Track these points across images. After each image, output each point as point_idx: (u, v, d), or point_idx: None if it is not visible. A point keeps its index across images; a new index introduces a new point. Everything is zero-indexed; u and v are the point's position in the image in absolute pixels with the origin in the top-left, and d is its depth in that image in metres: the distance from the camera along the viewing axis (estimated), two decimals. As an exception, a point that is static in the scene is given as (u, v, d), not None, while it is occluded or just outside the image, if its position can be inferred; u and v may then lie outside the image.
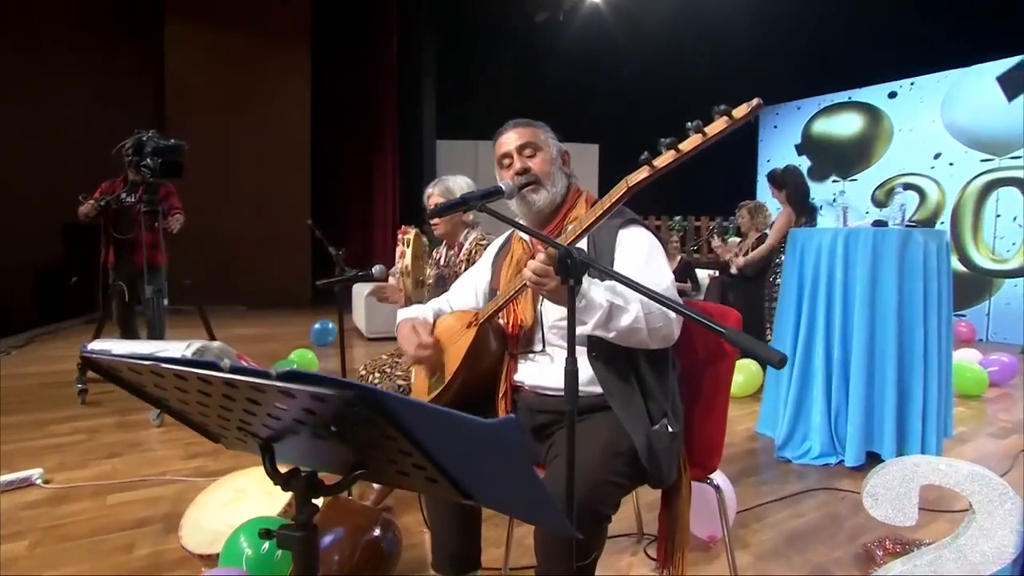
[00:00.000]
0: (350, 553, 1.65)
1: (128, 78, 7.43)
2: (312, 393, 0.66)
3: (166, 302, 3.99)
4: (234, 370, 0.71)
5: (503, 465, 0.65)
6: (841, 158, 7.16)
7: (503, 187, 1.42)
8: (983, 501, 1.35)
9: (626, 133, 5.35)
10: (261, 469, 1.65)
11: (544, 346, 1.47)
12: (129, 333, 3.85)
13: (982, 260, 6.03)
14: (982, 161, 6.03)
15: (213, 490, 2.03)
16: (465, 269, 2.22)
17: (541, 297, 1.45)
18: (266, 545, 1.62)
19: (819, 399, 2.70)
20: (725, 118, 1.01)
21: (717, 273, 5.18)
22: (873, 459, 2.61)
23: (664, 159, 1.10)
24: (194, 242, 7.36)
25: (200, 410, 0.93)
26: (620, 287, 1.27)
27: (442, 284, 2.30)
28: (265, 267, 8.15)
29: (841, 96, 7.31)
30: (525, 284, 1.26)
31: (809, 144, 7.60)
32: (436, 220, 2.29)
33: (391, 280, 2.35)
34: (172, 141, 3.28)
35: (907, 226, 2.63)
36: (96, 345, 0.80)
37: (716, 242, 5.18)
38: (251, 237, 8.21)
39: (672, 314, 1.29)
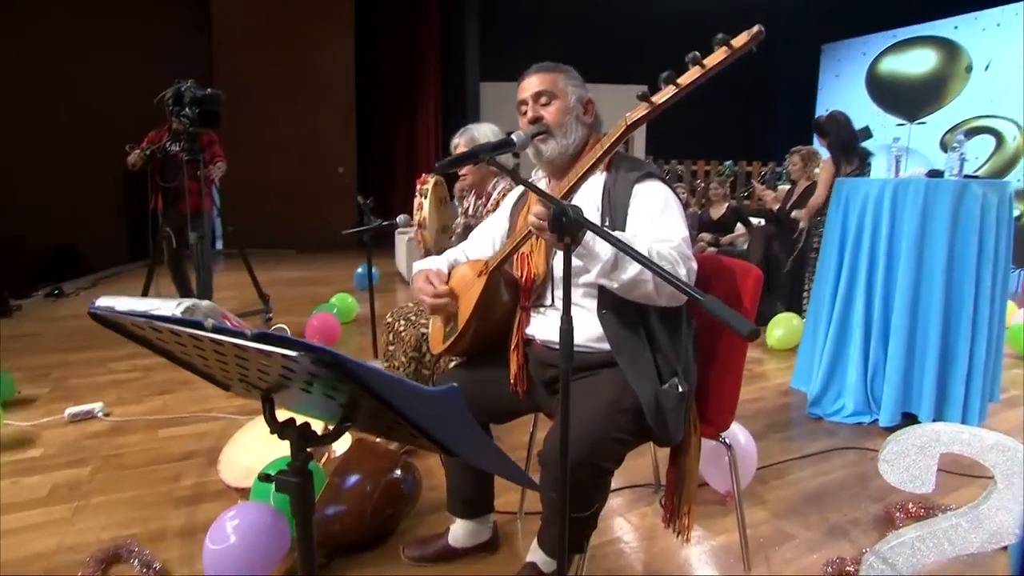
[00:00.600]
0: (371, 491, 1.74)
1: (177, 26, 7.54)
2: (282, 354, 0.68)
3: (220, 245, 4.15)
4: (216, 329, 0.74)
5: (460, 428, 0.67)
6: (909, 99, 6.62)
7: (514, 139, 1.39)
8: (1006, 472, 1.29)
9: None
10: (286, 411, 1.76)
11: (554, 300, 1.46)
12: (180, 277, 4.06)
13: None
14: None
15: (248, 429, 2.16)
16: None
17: (553, 251, 1.43)
18: (292, 482, 1.73)
19: (856, 356, 2.61)
20: (724, 48, 0.95)
21: (763, 221, 4.98)
22: (910, 420, 2.52)
23: (663, 94, 1.05)
24: (245, 187, 7.64)
25: (202, 362, 0.98)
26: (629, 238, 1.24)
27: (468, 234, 2.31)
28: (313, 211, 8.34)
29: (913, 30, 6.68)
30: (530, 231, 1.24)
31: (875, 84, 7.03)
32: (464, 170, 2.27)
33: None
34: (209, 91, 3.34)
35: (966, 177, 2.44)
36: (102, 302, 0.85)
37: (761, 189, 4.95)
38: (299, 182, 8.40)
39: (683, 271, 1.25)
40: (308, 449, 0.96)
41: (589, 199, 1.38)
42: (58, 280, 5.24)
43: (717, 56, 0.96)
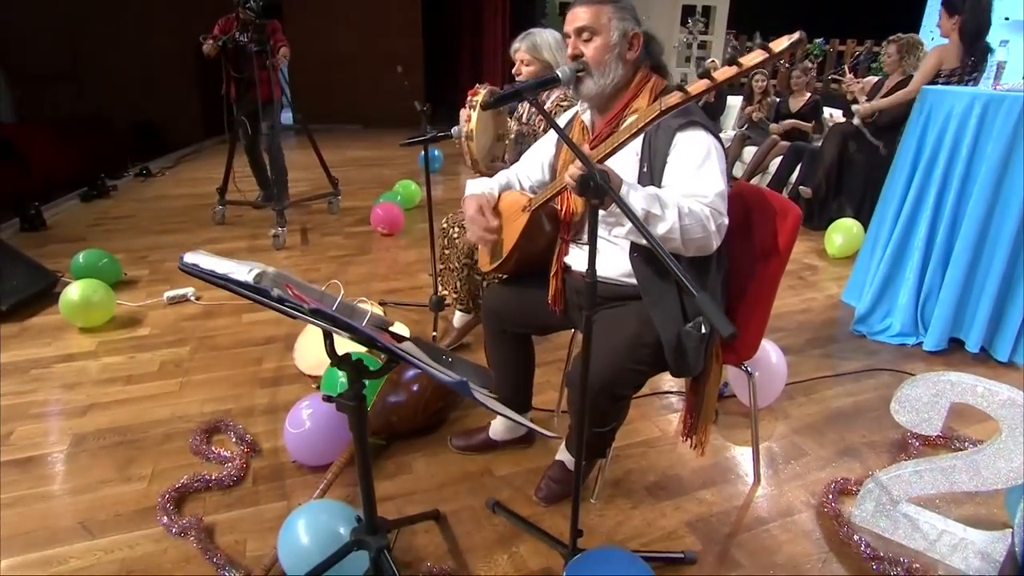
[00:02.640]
0: (424, 388, 1.96)
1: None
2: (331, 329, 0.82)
3: (291, 119, 4.27)
4: (279, 299, 0.89)
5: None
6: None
7: (559, 75, 1.39)
8: (1012, 427, 1.35)
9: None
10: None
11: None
12: (256, 164, 4.32)
13: None
14: None
15: (319, 322, 2.43)
16: (544, 128, 2.22)
17: None
18: (356, 377, 1.98)
19: (911, 278, 2.56)
20: (761, 51, 0.93)
21: (841, 114, 4.59)
22: (956, 345, 2.52)
23: (697, 87, 1.06)
24: (311, 62, 7.64)
25: (275, 305, 1.15)
26: (661, 195, 1.27)
27: (521, 140, 2.32)
28: (378, 85, 8.32)
29: None
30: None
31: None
32: (523, 75, 2.24)
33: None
34: None
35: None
36: (189, 258, 1.01)
37: (850, 77, 4.49)
38: (364, 56, 8.31)
39: (712, 225, 1.29)
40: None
41: (629, 145, 1.39)
42: (144, 159, 5.61)
43: (753, 57, 0.94)
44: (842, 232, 3.66)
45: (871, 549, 1.51)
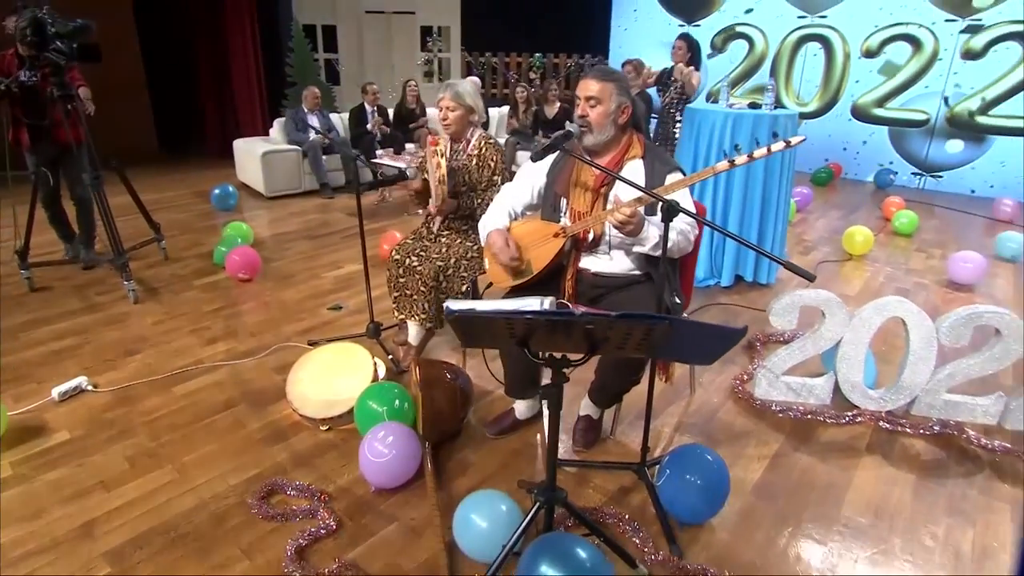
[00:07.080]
0: (456, 394, 2.26)
1: None
2: (631, 325, 1.26)
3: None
4: (583, 315, 1.26)
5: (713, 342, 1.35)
6: (688, 4, 7.88)
7: (572, 130, 1.93)
8: (831, 312, 2.39)
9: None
10: (325, 349, 2.65)
11: (610, 249, 2.09)
12: (58, 218, 3.74)
13: (790, 104, 7.45)
14: (799, 17, 7.17)
15: (299, 370, 2.46)
16: (476, 163, 2.65)
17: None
18: (396, 401, 2.20)
19: (704, 241, 3.71)
20: (764, 149, 1.65)
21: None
22: (739, 280, 3.76)
23: (740, 159, 1.70)
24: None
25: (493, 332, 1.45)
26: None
27: (453, 176, 2.69)
28: (104, 122, 7.15)
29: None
30: (609, 212, 1.85)
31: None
32: (448, 120, 2.62)
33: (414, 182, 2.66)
34: (79, 21, 2.94)
35: (776, 107, 3.53)
36: (455, 305, 1.28)
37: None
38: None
39: (691, 236, 2.00)
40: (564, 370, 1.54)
41: (636, 178, 2.00)
42: None
43: (763, 152, 1.64)
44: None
45: (778, 407, 2.45)
